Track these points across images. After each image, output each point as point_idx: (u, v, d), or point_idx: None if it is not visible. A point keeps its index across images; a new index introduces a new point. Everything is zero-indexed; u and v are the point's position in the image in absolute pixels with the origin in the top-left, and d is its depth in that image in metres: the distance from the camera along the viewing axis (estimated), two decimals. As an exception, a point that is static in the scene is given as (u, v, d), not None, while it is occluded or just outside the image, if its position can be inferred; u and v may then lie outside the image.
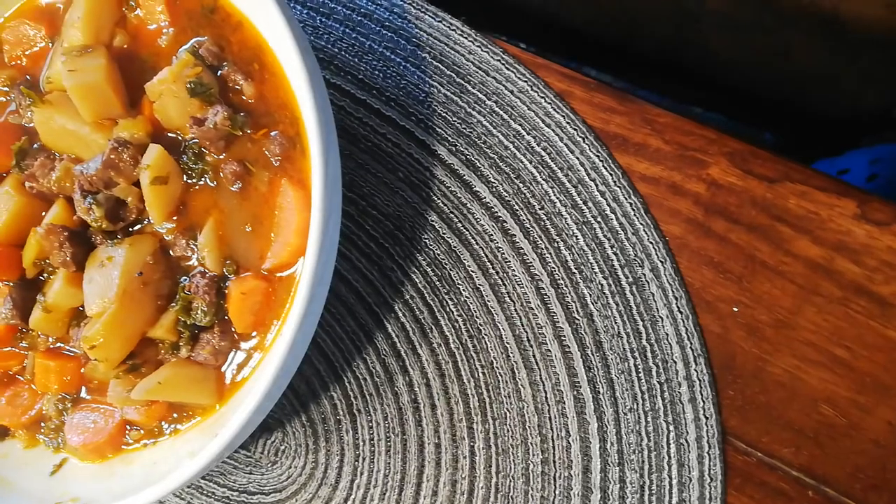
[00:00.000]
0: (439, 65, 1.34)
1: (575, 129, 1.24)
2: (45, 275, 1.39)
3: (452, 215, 1.31)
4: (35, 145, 1.41)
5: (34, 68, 1.47)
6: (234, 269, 1.30)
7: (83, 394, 1.39)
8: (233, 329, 1.29)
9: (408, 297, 1.32)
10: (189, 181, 1.33)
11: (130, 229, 1.36)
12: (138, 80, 1.36)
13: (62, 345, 1.40)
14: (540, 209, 1.25)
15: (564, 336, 1.21)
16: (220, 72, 1.33)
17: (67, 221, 1.35)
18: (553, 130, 1.27)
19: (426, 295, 1.30)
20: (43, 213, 1.40)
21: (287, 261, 1.27)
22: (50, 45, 1.46)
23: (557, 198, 1.24)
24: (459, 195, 1.31)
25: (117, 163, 1.30)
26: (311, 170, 1.28)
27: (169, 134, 1.35)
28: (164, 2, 1.38)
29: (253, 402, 1.11)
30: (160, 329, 1.30)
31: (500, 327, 1.26)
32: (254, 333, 1.29)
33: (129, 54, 1.38)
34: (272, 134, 1.30)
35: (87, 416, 1.38)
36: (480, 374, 1.25)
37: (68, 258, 1.32)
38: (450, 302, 1.30)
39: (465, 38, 1.32)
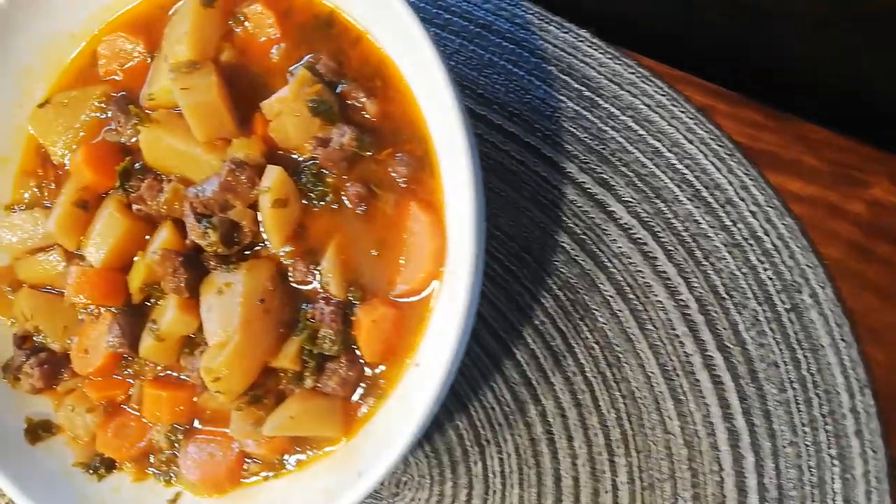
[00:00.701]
0: (567, 78, 1.28)
1: (720, 146, 1.18)
2: (152, 300, 1.34)
3: (584, 236, 1.26)
4: (137, 164, 1.35)
5: (132, 84, 1.40)
6: (359, 294, 1.24)
7: (196, 424, 1.34)
8: (360, 358, 1.24)
9: (537, 322, 1.26)
10: (308, 203, 1.28)
11: (244, 253, 1.30)
12: (248, 97, 1.29)
13: (171, 372, 1.35)
14: (684, 230, 1.19)
15: (715, 365, 1.16)
16: (338, 88, 1.27)
17: (177, 245, 1.29)
18: (696, 147, 1.21)
19: (558, 320, 1.25)
20: (146, 237, 1.35)
21: (419, 287, 1.22)
22: (148, 59, 1.39)
23: (703, 218, 1.18)
24: (592, 215, 1.26)
25: (234, 185, 1.24)
26: (441, 191, 1.23)
27: (284, 153, 1.29)
28: (275, 15, 1.31)
29: (406, 439, 1.05)
30: (284, 359, 1.24)
31: (643, 355, 1.21)
32: (382, 362, 1.24)
33: (237, 70, 1.32)
34: (398, 155, 1.24)
35: (201, 448, 1.32)
36: (621, 405, 1.20)
37: (182, 284, 1.26)
38: (584, 328, 1.24)
39: (595, 49, 1.26)
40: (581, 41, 1.26)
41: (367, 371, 1.25)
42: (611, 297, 1.24)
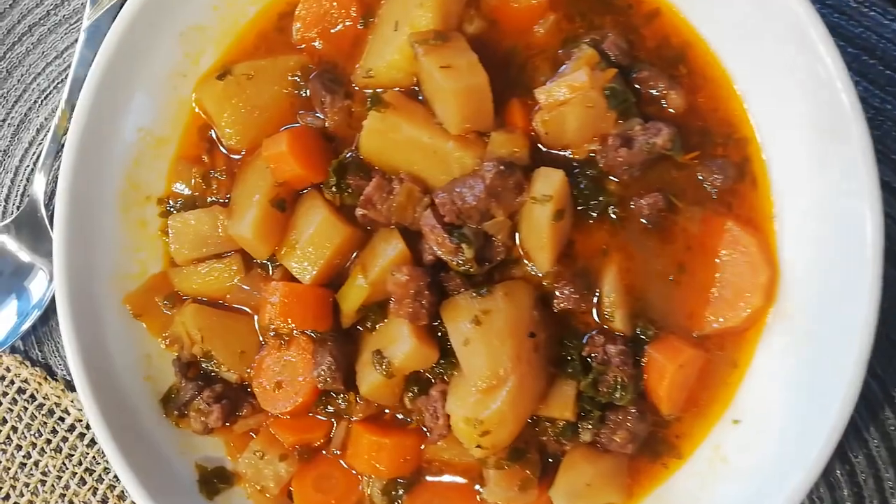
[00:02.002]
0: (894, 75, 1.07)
1: None
2: (367, 325, 1.09)
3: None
4: (347, 154, 1.09)
5: (337, 55, 1.13)
6: (651, 331, 1.02)
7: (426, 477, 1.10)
8: (652, 408, 1.02)
9: None
10: (580, 214, 1.04)
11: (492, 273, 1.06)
12: (501, 80, 1.04)
13: (385, 410, 1.10)
14: None
15: None
16: (631, 75, 1.02)
17: (410, 260, 1.04)
18: None
19: None
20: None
21: (740, 326, 1.00)
22: (360, 25, 1.12)
23: None
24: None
25: (500, 190, 1.00)
26: (769, 207, 1.01)
27: (549, 152, 1.05)
28: (541, -23, 1.06)
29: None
30: (557, 407, 1.01)
31: None
32: (680, 414, 1.02)
33: (486, 45, 1.06)
34: (709, 161, 1.01)
35: (433, 511, 1.08)
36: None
37: (424, 310, 1.02)
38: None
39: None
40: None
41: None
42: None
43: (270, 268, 1.13)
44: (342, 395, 1.11)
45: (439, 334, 1.06)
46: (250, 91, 1.14)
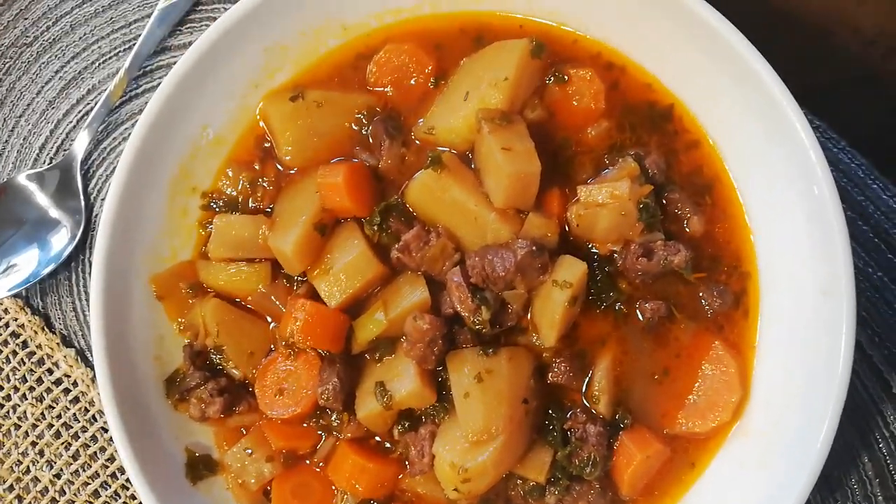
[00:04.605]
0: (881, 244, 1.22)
1: None
2: (376, 355, 1.17)
3: (854, 410, 1.21)
4: (393, 199, 1.18)
5: (401, 103, 1.22)
6: (628, 420, 1.13)
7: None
8: (613, 487, 1.13)
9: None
10: (590, 303, 1.15)
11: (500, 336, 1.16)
12: (547, 167, 1.14)
13: (375, 437, 1.19)
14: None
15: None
16: (664, 192, 1.15)
17: (429, 308, 1.14)
18: None
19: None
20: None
21: (706, 434, 1.12)
22: (432, 85, 1.21)
23: None
24: (871, 389, 1.21)
25: (527, 267, 1.10)
26: (753, 338, 1.14)
27: (575, 240, 1.16)
28: (603, 86, 1.17)
29: None
30: (532, 468, 1.12)
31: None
32: (637, 498, 1.14)
33: (541, 133, 1.17)
34: (713, 286, 1.14)
35: (397, 536, 1.18)
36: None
37: (433, 356, 1.11)
38: None
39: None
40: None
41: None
42: (868, 478, 1.20)
43: (296, 283, 1.21)
44: (336, 414, 1.20)
45: (439, 380, 1.15)
46: (316, 117, 1.22)
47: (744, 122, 1.11)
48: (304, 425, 1.21)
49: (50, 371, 1.37)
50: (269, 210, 1.23)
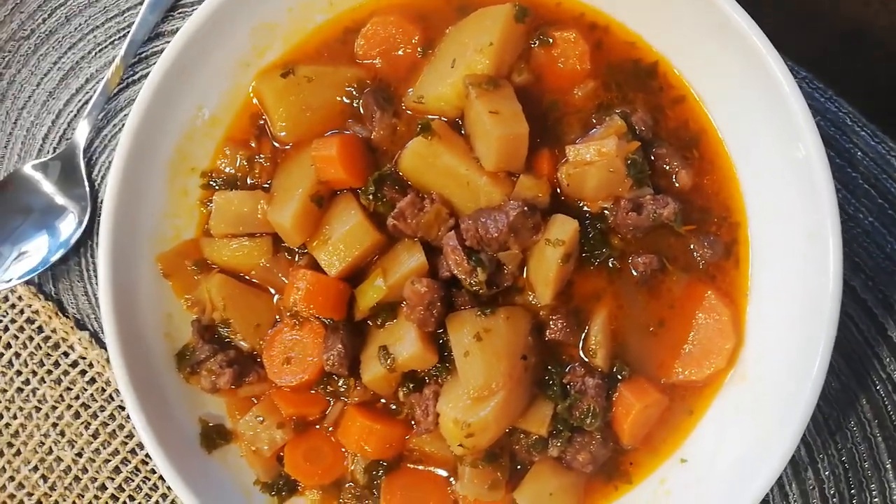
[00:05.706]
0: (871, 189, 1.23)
1: None
2: (378, 321, 1.20)
3: (853, 353, 1.23)
4: (387, 168, 1.20)
5: (391, 76, 1.24)
6: (626, 371, 1.16)
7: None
8: (613, 438, 1.17)
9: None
10: (584, 260, 1.18)
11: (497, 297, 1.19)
12: (537, 129, 1.17)
13: (381, 399, 1.23)
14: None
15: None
16: (651, 148, 1.17)
17: (426, 272, 1.17)
18: None
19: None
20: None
21: (703, 381, 1.15)
22: (419, 54, 1.23)
23: None
24: (867, 334, 1.23)
25: (520, 227, 1.13)
26: (745, 287, 1.16)
27: (567, 200, 1.18)
28: (588, 46, 1.19)
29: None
30: (534, 422, 1.15)
31: (887, 486, 1.21)
32: (638, 447, 1.17)
33: (529, 96, 1.19)
34: (704, 237, 1.16)
35: (408, 492, 1.21)
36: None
37: (433, 318, 1.14)
38: (833, 445, 1.22)
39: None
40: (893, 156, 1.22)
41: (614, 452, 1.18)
42: (867, 420, 1.23)
43: (297, 254, 1.24)
44: (343, 379, 1.24)
45: (440, 341, 1.18)
46: (308, 92, 1.24)
47: (726, 73, 1.12)
48: (313, 392, 1.25)
49: (66, 354, 1.41)
50: (267, 185, 1.26)
